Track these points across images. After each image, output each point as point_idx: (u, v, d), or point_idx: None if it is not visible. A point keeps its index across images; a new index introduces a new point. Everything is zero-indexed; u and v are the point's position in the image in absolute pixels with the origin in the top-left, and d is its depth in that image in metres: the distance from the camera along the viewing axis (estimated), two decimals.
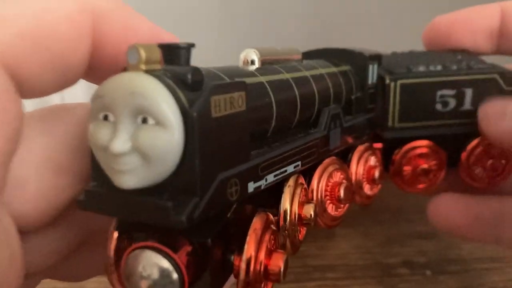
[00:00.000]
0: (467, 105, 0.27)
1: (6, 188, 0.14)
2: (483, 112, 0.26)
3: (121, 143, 0.12)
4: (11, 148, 0.13)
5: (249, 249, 0.15)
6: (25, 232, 0.15)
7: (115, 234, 0.15)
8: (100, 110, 0.13)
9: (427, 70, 0.27)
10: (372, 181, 0.26)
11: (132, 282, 0.13)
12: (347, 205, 0.23)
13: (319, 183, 0.21)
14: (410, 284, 0.34)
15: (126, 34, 0.15)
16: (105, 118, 0.13)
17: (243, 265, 0.15)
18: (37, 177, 0.15)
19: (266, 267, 0.16)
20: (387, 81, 0.27)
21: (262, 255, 0.15)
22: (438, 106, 0.27)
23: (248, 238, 0.15)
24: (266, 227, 0.16)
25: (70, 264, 0.19)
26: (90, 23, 0.14)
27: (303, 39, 0.61)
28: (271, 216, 0.17)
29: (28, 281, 0.18)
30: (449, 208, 0.30)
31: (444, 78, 0.27)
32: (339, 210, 0.23)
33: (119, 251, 0.15)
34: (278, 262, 0.16)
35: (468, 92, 0.27)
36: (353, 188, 0.25)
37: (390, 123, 0.28)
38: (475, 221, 0.29)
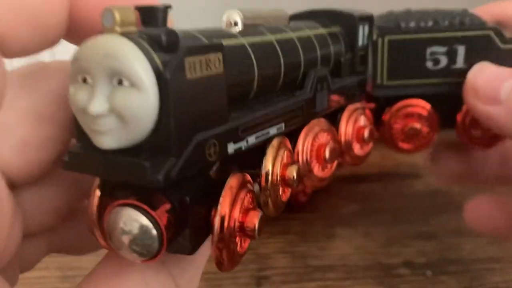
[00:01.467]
0: (460, 63, 0.26)
1: None
2: (472, 85, 0.25)
3: (98, 105, 0.13)
4: None
5: (224, 205, 0.15)
6: (17, 186, 0.16)
7: (97, 192, 0.15)
8: (79, 73, 0.13)
9: (417, 26, 0.26)
10: (362, 140, 0.26)
11: (114, 237, 0.14)
12: (334, 165, 0.23)
13: (304, 144, 0.21)
14: (411, 284, 0.34)
15: None
16: (84, 80, 0.13)
17: (217, 221, 0.15)
18: (20, 126, 0.15)
19: (242, 224, 0.16)
20: (375, 36, 0.27)
21: (236, 212, 0.16)
22: (429, 64, 0.27)
23: (223, 194, 0.16)
24: (241, 185, 0.16)
25: (71, 231, 0.19)
26: None
27: None
28: (248, 176, 0.17)
29: (32, 245, 0.18)
30: (487, 211, 0.29)
31: (434, 34, 0.26)
32: (326, 170, 0.23)
33: (101, 208, 0.15)
34: (253, 219, 0.16)
35: (461, 50, 0.26)
36: (342, 148, 0.25)
37: (378, 81, 0.27)
38: None
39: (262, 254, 0.39)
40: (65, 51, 0.17)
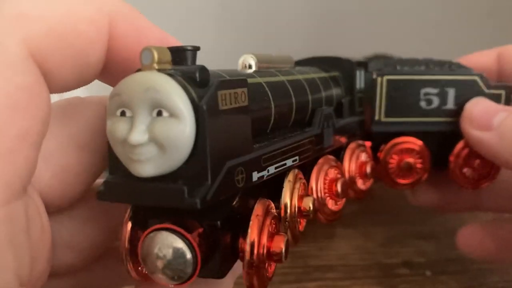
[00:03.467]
0: (450, 104, 0.29)
1: None
2: (468, 113, 0.28)
3: (139, 134, 0.14)
4: (44, 131, 0.15)
5: (253, 233, 0.16)
6: (54, 221, 0.17)
7: (129, 224, 0.16)
8: (118, 107, 0.14)
9: (412, 69, 0.29)
10: (364, 175, 0.27)
11: (149, 263, 0.14)
12: (344, 199, 0.25)
13: (317, 181, 0.23)
14: (410, 284, 0.34)
15: (138, 36, 0.16)
16: (122, 114, 0.14)
17: (247, 248, 0.16)
18: (60, 152, 0.17)
19: (269, 249, 0.17)
20: (374, 76, 0.29)
21: (264, 238, 0.17)
22: (423, 104, 0.29)
23: (251, 222, 0.16)
24: (267, 212, 0.17)
25: (97, 274, 0.20)
26: (107, 24, 0.16)
27: (303, 39, 0.61)
28: (271, 203, 0.18)
29: (55, 284, 0.19)
30: (480, 237, 0.31)
31: (427, 77, 0.29)
32: (338, 204, 0.24)
33: (133, 240, 0.16)
34: (279, 243, 0.17)
35: (451, 92, 0.29)
36: (347, 184, 0.26)
37: (377, 117, 0.29)
38: (505, 246, 0.30)
39: None
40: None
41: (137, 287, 0.18)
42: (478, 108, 0.27)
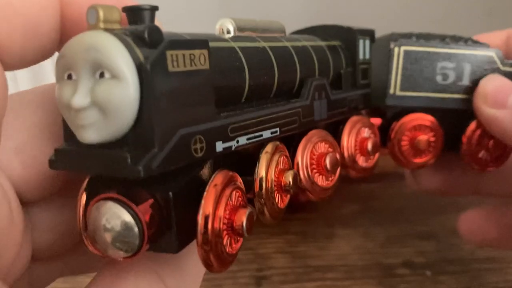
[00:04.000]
0: (466, 80, 0.28)
1: (2, 155, 0.15)
2: (482, 90, 0.27)
3: (80, 98, 0.13)
4: (0, 112, 0.14)
5: (207, 204, 0.15)
6: (27, 204, 0.16)
7: (84, 196, 0.15)
8: (64, 70, 0.14)
9: (429, 42, 0.28)
10: (366, 152, 0.26)
11: (98, 237, 0.13)
12: (337, 174, 0.23)
13: (303, 156, 0.21)
14: (410, 284, 0.34)
15: (90, 1, 0.15)
16: (69, 77, 0.13)
17: (200, 221, 0.15)
18: (32, 144, 0.16)
19: (231, 222, 0.16)
20: (392, 45, 0.28)
21: (220, 211, 0.15)
22: (439, 78, 0.28)
23: (205, 193, 0.15)
24: (228, 183, 0.16)
25: (84, 257, 0.19)
26: None
27: None
28: (236, 175, 0.17)
29: (44, 270, 0.18)
30: (479, 224, 0.31)
31: (445, 50, 0.28)
32: (330, 180, 0.23)
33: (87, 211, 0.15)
34: (241, 216, 0.16)
35: (467, 67, 0.28)
36: (346, 161, 0.25)
37: (392, 90, 0.28)
38: (507, 232, 0.30)
39: (261, 254, 0.39)
40: None
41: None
42: (493, 85, 0.26)
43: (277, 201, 0.19)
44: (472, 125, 0.28)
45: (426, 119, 0.28)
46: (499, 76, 0.27)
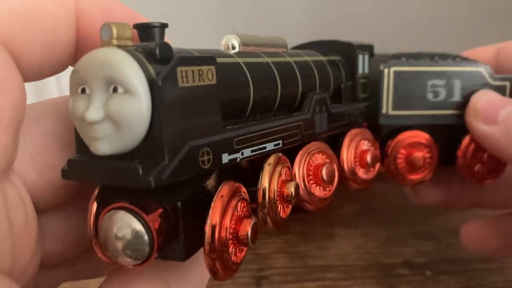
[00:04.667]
0: (457, 96, 0.29)
1: (18, 161, 0.15)
2: (473, 106, 0.27)
3: (94, 112, 0.13)
4: (19, 116, 0.14)
5: (214, 214, 0.16)
6: (40, 211, 0.17)
7: (94, 205, 0.16)
8: (78, 84, 0.14)
9: (418, 61, 0.29)
10: (366, 165, 0.26)
11: (109, 244, 0.14)
12: (335, 184, 0.23)
13: (300, 166, 0.22)
14: (410, 284, 0.34)
15: (105, 13, 0.16)
16: (83, 91, 0.14)
17: (207, 230, 0.15)
18: (47, 151, 0.16)
19: (236, 232, 0.16)
20: (381, 67, 0.28)
21: (227, 222, 0.16)
22: (430, 96, 0.29)
23: (213, 203, 0.16)
24: (233, 194, 0.17)
25: (91, 264, 0.20)
26: (73, 2, 0.15)
27: (304, 40, 0.61)
28: (242, 186, 0.18)
29: (51, 275, 0.19)
30: (482, 233, 0.31)
31: (434, 68, 0.28)
32: (326, 191, 0.23)
33: (98, 221, 0.15)
34: (246, 227, 0.16)
35: (457, 84, 0.28)
36: (346, 174, 0.25)
37: (384, 110, 0.29)
38: (508, 241, 0.30)
39: (261, 254, 0.39)
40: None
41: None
42: (483, 101, 0.27)
43: (279, 211, 0.19)
44: (466, 139, 0.28)
45: (421, 136, 0.29)
46: (489, 91, 0.28)
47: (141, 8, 0.17)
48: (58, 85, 0.49)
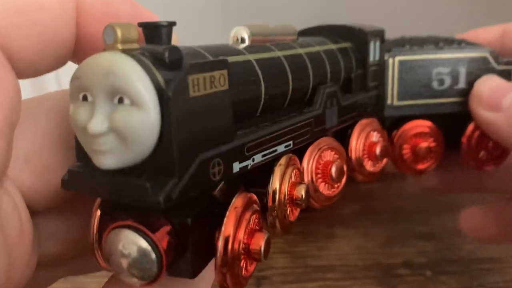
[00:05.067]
0: (462, 83, 0.28)
1: (13, 163, 0.15)
2: (477, 92, 0.27)
3: (98, 124, 0.12)
4: (12, 119, 0.13)
5: (228, 226, 0.15)
6: (35, 212, 0.16)
7: (98, 213, 0.15)
8: (79, 91, 0.13)
9: (423, 49, 0.28)
10: (374, 157, 0.25)
11: (113, 260, 0.13)
12: (342, 183, 0.23)
13: (309, 163, 0.21)
14: (411, 284, 0.34)
15: (107, 10, 0.15)
16: (84, 98, 0.13)
17: (221, 242, 0.15)
18: (43, 153, 0.16)
19: (248, 246, 0.16)
20: (386, 57, 0.28)
21: (241, 234, 0.15)
22: (435, 84, 0.28)
23: (227, 215, 0.15)
24: (247, 206, 0.16)
25: (88, 263, 0.19)
26: None
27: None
28: (254, 196, 0.17)
29: (48, 273, 0.18)
30: (480, 220, 0.31)
31: (439, 55, 0.28)
32: (334, 189, 0.22)
33: (102, 229, 0.15)
34: (259, 241, 0.16)
35: (462, 71, 0.28)
36: (353, 165, 0.25)
37: (389, 101, 0.28)
38: (508, 228, 0.30)
39: None
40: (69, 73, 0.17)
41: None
42: (487, 87, 0.26)
43: (288, 214, 0.19)
44: (471, 126, 0.28)
45: (425, 125, 0.29)
46: (493, 76, 0.27)
47: (141, 1, 0.17)
48: (57, 83, 0.48)
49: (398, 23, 0.64)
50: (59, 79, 0.49)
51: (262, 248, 0.16)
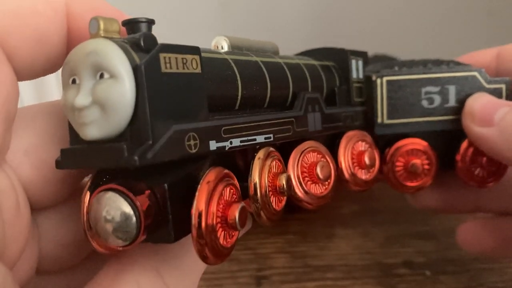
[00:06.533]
0: (452, 101, 0.29)
1: (13, 155, 0.16)
2: (469, 109, 0.27)
3: (82, 98, 0.14)
4: (9, 107, 0.15)
5: (200, 200, 0.16)
6: (36, 213, 0.17)
7: (87, 194, 0.16)
8: (69, 76, 0.15)
9: (410, 69, 0.29)
10: (365, 165, 0.26)
11: (99, 228, 0.14)
12: (332, 180, 0.23)
13: (294, 166, 0.22)
14: (410, 284, 0.34)
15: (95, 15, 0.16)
16: (73, 82, 0.15)
17: (193, 217, 0.16)
18: (42, 147, 0.17)
19: (225, 217, 0.17)
20: (374, 78, 0.29)
21: (213, 207, 0.16)
22: (425, 103, 0.29)
23: (198, 189, 0.16)
24: (220, 179, 0.17)
25: (90, 273, 0.19)
26: (63, 4, 0.16)
27: (303, 39, 0.61)
28: (230, 173, 0.18)
29: (50, 284, 0.19)
30: (478, 233, 0.31)
31: (426, 75, 0.29)
32: (325, 187, 0.23)
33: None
34: (233, 212, 0.17)
35: (452, 89, 0.29)
36: (346, 177, 0.25)
37: (379, 120, 0.29)
38: (504, 242, 0.30)
39: (261, 254, 0.39)
40: None
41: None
42: (479, 103, 0.27)
43: (273, 204, 0.19)
44: (465, 143, 0.28)
45: (419, 143, 0.29)
46: (485, 94, 0.28)
47: (138, 9, 0.17)
48: (58, 85, 0.49)
49: (397, 20, 0.64)
50: (60, 82, 0.49)
51: (237, 217, 0.17)
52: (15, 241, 0.15)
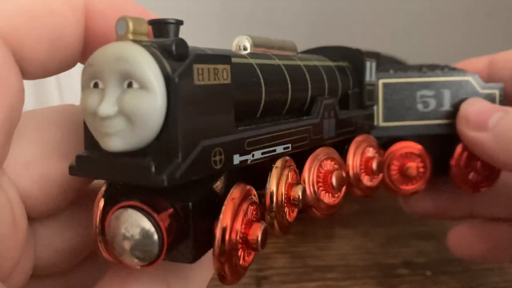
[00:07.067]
0: (447, 106, 0.29)
1: (12, 167, 0.15)
2: (464, 114, 0.27)
3: (107, 106, 0.13)
4: (13, 117, 0.14)
5: (225, 217, 0.15)
6: (33, 219, 0.17)
7: (101, 202, 0.15)
8: (91, 78, 0.14)
9: (406, 73, 0.29)
10: (371, 172, 0.26)
11: (116, 244, 0.13)
12: (343, 191, 0.23)
13: (310, 172, 0.22)
14: (410, 284, 0.34)
15: (116, 12, 0.16)
16: (95, 85, 0.14)
17: (218, 233, 0.15)
18: (42, 160, 0.16)
19: (245, 236, 0.16)
20: None
21: (238, 224, 0.16)
22: (420, 106, 0.29)
23: (224, 206, 0.16)
24: (244, 197, 0.16)
25: (87, 276, 0.20)
26: (82, 2, 0.15)
27: (304, 40, 0.61)
28: (253, 189, 0.17)
29: (42, 286, 0.18)
30: (470, 238, 0.32)
31: (422, 79, 0.29)
32: (335, 197, 0.23)
33: (105, 219, 0.15)
34: (256, 231, 0.16)
35: (446, 93, 0.29)
36: (351, 181, 0.25)
37: (375, 122, 0.29)
38: (495, 247, 0.31)
39: (262, 254, 0.39)
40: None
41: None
42: (473, 108, 0.27)
43: (286, 214, 0.19)
44: (459, 148, 0.29)
45: (414, 147, 0.29)
46: (479, 99, 0.28)
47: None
48: (58, 86, 0.49)
49: (397, 20, 0.64)
50: (60, 82, 0.50)
51: (259, 238, 0.16)
52: (10, 255, 0.15)
